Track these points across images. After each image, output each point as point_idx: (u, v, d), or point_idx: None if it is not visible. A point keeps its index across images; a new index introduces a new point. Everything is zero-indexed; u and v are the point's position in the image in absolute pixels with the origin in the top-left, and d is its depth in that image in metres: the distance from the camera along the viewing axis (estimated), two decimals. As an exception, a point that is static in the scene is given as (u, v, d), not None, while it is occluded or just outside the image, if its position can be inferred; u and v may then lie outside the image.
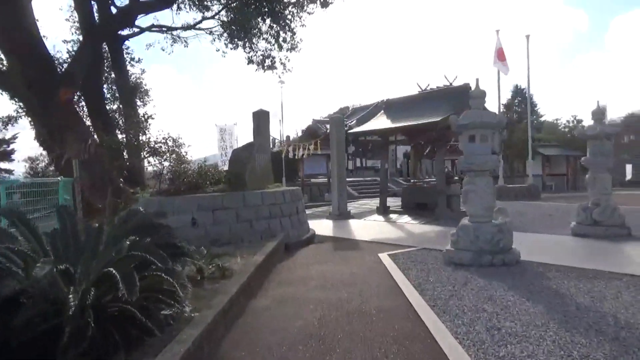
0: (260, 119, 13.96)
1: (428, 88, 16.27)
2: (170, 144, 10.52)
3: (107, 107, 14.16)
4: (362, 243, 10.00)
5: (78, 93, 13.96)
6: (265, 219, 9.09)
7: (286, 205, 9.81)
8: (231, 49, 14.87)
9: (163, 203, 8.30)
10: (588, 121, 37.06)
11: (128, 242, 4.40)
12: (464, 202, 7.55)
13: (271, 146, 26.58)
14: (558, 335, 4.01)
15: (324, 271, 7.12)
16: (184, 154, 10.70)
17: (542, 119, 47.55)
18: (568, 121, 37.85)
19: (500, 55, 19.10)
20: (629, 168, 46.29)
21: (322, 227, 12.76)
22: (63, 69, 11.66)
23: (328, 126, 21.79)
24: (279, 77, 13.90)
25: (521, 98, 43.82)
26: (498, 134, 7.34)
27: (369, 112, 34.99)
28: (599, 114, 10.02)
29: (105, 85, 14.74)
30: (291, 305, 5.27)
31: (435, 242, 9.53)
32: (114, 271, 3.29)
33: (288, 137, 35.21)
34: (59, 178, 7.67)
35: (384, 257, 8.15)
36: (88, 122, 13.26)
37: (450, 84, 15.49)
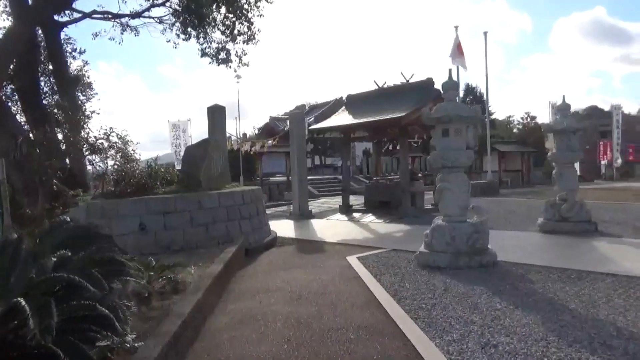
0: (216, 114, 13.12)
1: (385, 86, 15.91)
2: (113, 140, 9.51)
3: (46, 102, 12.86)
4: (327, 245, 9.40)
5: (11, 86, 12.60)
6: (222, 222, 8.31)
7: (245, 206, 9.07)
8: (183, 39, 13.87)
9: (106, 207, 7.36)
10: (541, 118, 38.22)
11: (54, 259, 3.60)
12: (437, 201, 7.09)
13: (228, 144, 25.60)
14: (562, 352, 3.54)
15: (290, 279, 6.46)
16: (132, 152, 9.72)
17: (493, 117, 48.77)
18: (522, 118, 38.83)
19: (459, 51, 19.02)
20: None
21: (283, 228, 12.08)
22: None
23: (287, 123, 21.15)
24: (235, 70, 13.09)
25: (473, 96, 44.60)
26: (472, 127, 6.93)
27: (327, 109, 34.58)
28: (565, 109, 9.88)
29: (43, 78, 13.41)
30: (254, 324, 4.58)
31: (404, 243, 9.07)
32: (23, 302, 2.50)
33: (245, 134, 34.23)
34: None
35: (353, 260, 7.58)
36: (23, 119, 11.95)
37: (407, 81, 15.16)
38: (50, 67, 12.18)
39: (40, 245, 3.48)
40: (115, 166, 9.04)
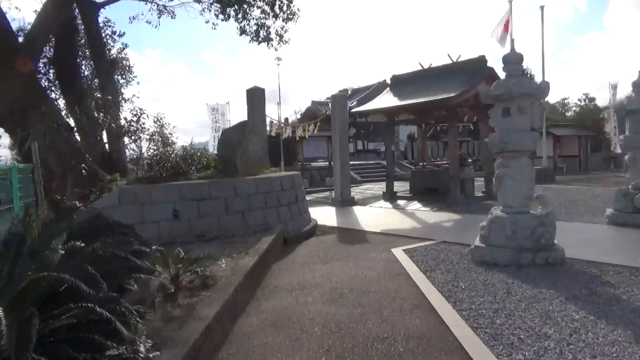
0: (255, 97, 12.67)
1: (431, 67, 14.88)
2: (145, 122, 9.19)
3: (86, 86, 12.81)
4: (370, 235, 8.79)
5: (52, 70, 12.62)
6: (259, 209, 7.85)
7: (284, 193, 8.57)
8: (222, 20, 13.43)
9: (139, 193, 7.04)
10: (599, 101, 35.56)
11: (62, 253, 3.20)
12: (496, 189, 6.31)
13: (268, 128, 25.26)
14: (672, 384, 2.81)
15: (329, 273, 5.91)
16: (169, 134, 9.41)
17: (546, 99, 46.16)
18: (579, 99, 36.28)
19: (505, 27, 17.61)
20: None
21: (324, 215, 11.55)
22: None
23: (329, 107, 20.46)
24: (275, 49, 12.54)
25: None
26: (538, 105, 6.07)
27: (370, 93, 33.51)
28: (642, 85, 8.71)
29: (83, 62, 13.38)
30: (289, 328, 4.06)
31: (455, 234, 8.32)
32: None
33: (287, 119, 33.77)
34: (9, 163, 6.45)
35: (399, 253, 6.95)
36: (62, 102, 11.93)
37: (455, 61, 14.08)
38: (90, 50, 12.06)
39: (42, 237, 3.05)
40: (151, 150, 8.74)
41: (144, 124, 8.65)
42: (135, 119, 8.62)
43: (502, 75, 6.45)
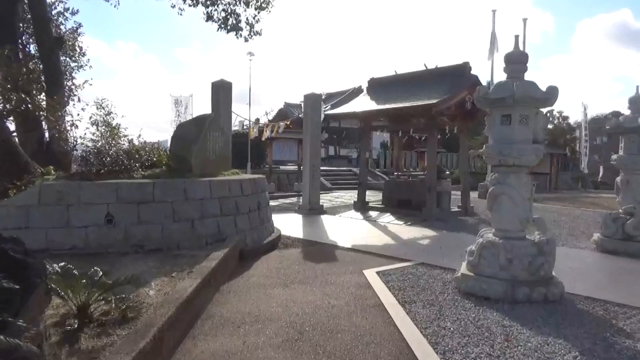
0: (221, 91, 11.56)
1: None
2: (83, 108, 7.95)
3: (32, 66, 11.37)
4: (339, 251, 7.80)
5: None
6: (213, 217, 6.75)
7: (244, 198, 7.49)
8: (190, 5, 12.28)
9: (65, 191, 5.83)
10: (574, 117, 35.81)
11: None
12: (489, 209, 5.44)
13: (234, 127, 24.02)
14: None
15: (289, 301, 4.88)
16: (117, 125, 8.18)
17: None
18: (553, 117, 36.50)
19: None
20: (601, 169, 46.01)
21: (289, 224, 10.52)
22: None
23: (301, 110, 19.50)
24: (245, 39, 11.44)
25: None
26: (542, 115, 5.23)
27: (344, 98, 32.73)
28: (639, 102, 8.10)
29: (30, 39, 11.93)
30: (229, 388, 3.01)
31: (434, 255, 7.43)
32: None
33: (257, 120, 32.65)
34: None
35: (372, 276, 5.99)
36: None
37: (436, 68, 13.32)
38: (32, 23, 10.66)
39: None
40: (91, 142, 7.51)
41: (83, 109, 7.41)
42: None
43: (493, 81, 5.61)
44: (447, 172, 14.31)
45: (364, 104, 13.43)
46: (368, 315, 4.50)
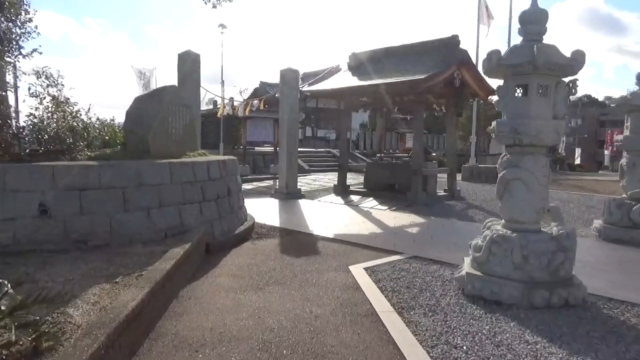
0: (187, 63, 10.47)
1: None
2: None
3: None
4: (321, 242, 6.95)
5: None
6: (174, 204, 5.77)
7: (211, 183, 6.53)
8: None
9: (-13, 175, 4.76)
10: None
11: None
12: (499, 197, 4.62)
13: (207, 105, 22.69)
14: None
15: (263, 310, 4.00)
16: (64, 98, 7.01)
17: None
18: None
19: (487, 14, 16.28)
20: (578, 152, 46.38)
21: (265, 210, 9.61)
22: None
23: (278, 88, 18.34)
24: (214, 5, 10.25)
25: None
26: (563, 85, 4.41)
27: (322, 77, 31.61)
28: (648, 78, 7.40)
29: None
30: None
31: (426, 246, 6.65)
32: None
33: (232, 99, 31.32)
34: None
35: (360, 274, 5.17)
36: None
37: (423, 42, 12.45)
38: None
39: None
40: (32, 116, 6.38)
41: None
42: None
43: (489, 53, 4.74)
44: (434, 154, 13.57)
45: (345, 80, 12.47)
46: (360, 328, 3.66)
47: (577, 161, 41.75)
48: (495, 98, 4.73)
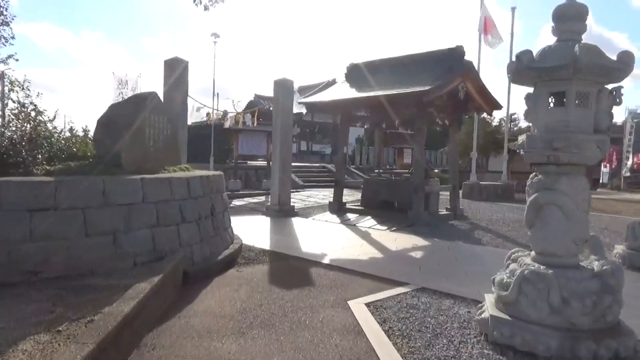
0: (175, 70, 9.76)
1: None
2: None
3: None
4: (316, 269, 6.17)
5: None
6: (146, 228, 5.00)
7: (193, 202, 5.76)
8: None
9: None
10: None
11: None
12: (529, 225, 3.88)
13: (201, 118, 21.97)
14: None
15: (245, 365, 3.22)
16: (32, 105, 6.24)
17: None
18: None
19: (488, 24, 15.77)
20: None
21: (254, 230, 8.85)
22: None
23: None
24: (205, 6, 9.57)
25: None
26: (606, 93, 3.71)
27: (319, 90, 31.09)
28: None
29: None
30: None
31: (434, 274, 5.90)
32: None
33: (226, 111, 30.67)
34: None
35: (362, 312, 4.40)
36: None
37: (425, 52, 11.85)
38: None
39: None
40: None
41: None
42: None
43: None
44: (436, 170, 12.87)
45: (342, 92, 11.81)
46: (365, 394, 2.88)
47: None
48: (498, 112, 4.03)
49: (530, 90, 3.90)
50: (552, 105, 3.74)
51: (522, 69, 3.71)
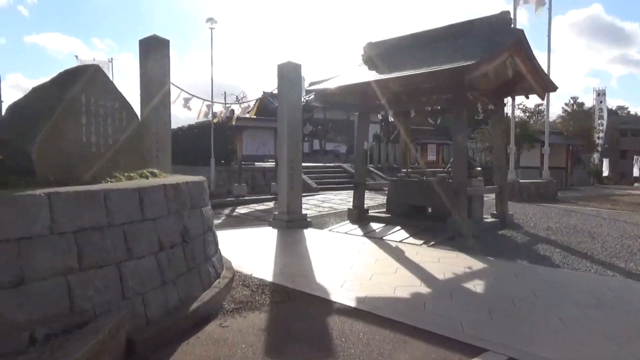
0: (151, 53, 7.90)
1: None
2: None
3: None
4: (339, 318, 4.16)
5: None
6: (57, 274, 3.04)
7: (147, 226, 3.79)
8: None
9: None
10: (589, 102, 32.68)
11: None
12: None
13: (207, 117, 20.12)
14: None
15: None
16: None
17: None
18: (566, 104, 33.16)
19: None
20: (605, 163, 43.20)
21: (256, 247, 6.93)
22: None
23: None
24: None
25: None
26: None
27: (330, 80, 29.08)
28: None
29: None
30: None
31: (512, 323, 3.86)
32: None
33: (232, 110, 28.80)
34: None
35: None
36: None
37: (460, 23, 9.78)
38: None
39: None
40: None
41: None
42: None
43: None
44: (479, 169, 10.76)
45: (361, 75, 9.77)
46: None
47: (605, 173, 38.65)
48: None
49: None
50: None
51: None
